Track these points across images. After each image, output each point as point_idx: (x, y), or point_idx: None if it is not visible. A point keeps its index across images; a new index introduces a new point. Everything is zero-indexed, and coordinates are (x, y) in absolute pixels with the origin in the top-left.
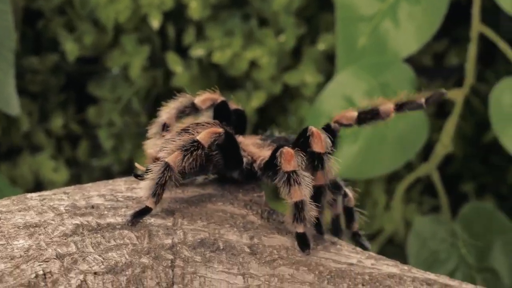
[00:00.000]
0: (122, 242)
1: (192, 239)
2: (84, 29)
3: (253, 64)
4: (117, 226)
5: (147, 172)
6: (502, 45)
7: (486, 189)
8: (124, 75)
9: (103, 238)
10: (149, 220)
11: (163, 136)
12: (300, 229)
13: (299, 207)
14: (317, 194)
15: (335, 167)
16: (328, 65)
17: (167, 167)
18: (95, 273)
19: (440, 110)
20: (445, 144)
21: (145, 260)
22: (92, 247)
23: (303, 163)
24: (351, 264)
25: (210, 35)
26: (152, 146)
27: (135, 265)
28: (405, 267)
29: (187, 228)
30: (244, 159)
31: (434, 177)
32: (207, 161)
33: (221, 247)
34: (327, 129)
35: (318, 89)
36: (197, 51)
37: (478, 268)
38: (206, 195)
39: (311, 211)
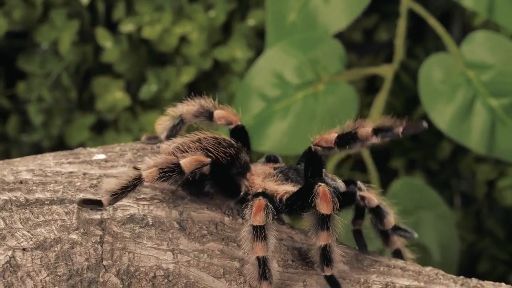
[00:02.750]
0: (51, 218)
1: (121, 215)
2: (13, 4)
3: (183, 40)
4: (46, 202)
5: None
6: (432, 21)
7: (416, 165)
8: (53, 50)
9: (32, 213)
10: (78, 195)
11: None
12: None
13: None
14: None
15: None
16: (258, 41)
17: (139, 179)
18: (23, 249)
19: (369, 86)
20: (374, 120)
21: (74, 236)
22: (21, 222)
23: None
24: (281, 240)
25: (140, 10)
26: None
27: (64, 241)
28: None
29: (117, 204)
30: (243, 188)
31: (364, 153)
32: (199, 183)
33: (150, 223)
34: (310, 153)
35: (248, 65)
36: (127, 27)
37: (407, 244)
38: None
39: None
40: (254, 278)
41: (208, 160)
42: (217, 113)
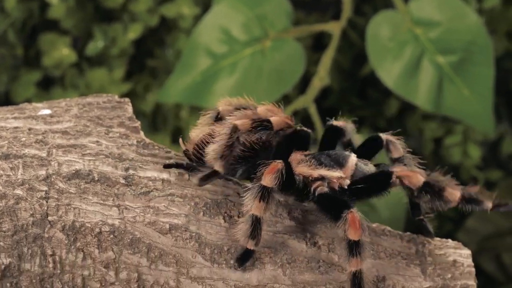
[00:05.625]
0: None
1: (67, 170)
2: None
3: None
4: None
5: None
6: None
7: (364, 122)
8: None
9: None
10: (23, 151)
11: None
12: None
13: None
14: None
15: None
16: None
17: (235, 129)
18: None
19: (317, 43)
20: (322, 77)
21: (19, 191)
22: None
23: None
24: (227, 195)
25: None
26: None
27: (8, 196)
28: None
29: (62, 159)
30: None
31: (311, 110)
32: (249, 155)
33: (96, 178)
34: (385, 175)
35: (195, 22)
36: None
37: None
38: (81, 127)
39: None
40: (244, 235)
41: (293, 123)
42: (260, 109)
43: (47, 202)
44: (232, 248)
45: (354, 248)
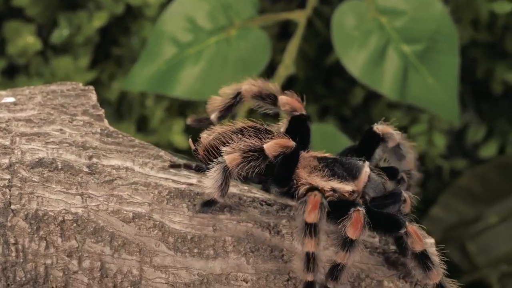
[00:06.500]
0: None
1: (30, 159)
2: None
3: None
4: None
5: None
6: None
7: (329, 111)
8: None
9: None
10: None
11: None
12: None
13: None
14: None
15: None
16: None
17: (225, 168)
18: None
19: (282, 32)
20: (287, 66)
21: None
22: None
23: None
24: (191, 184)
25: None
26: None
27: None
28: (245, 187)
29: (25, 147)
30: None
31: None
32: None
33: (60, 167)
34: (393, 220)
35: (160, 10)
36: None
37: None
38: (45, 115)
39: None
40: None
41: (293, 144)
42: (282, 98)
43: (10, 190)
44: (195, 237)
45: (347, 244)
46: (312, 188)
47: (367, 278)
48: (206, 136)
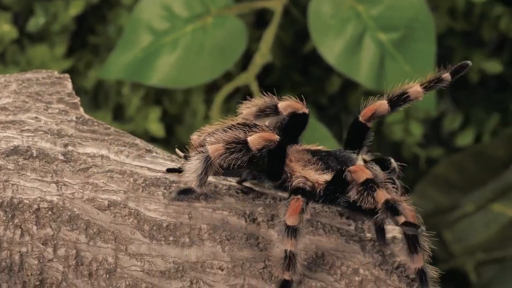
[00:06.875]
0: None
1: (5, 147)
2: None
3: None
4: None
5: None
6: None
7: (306, 99)
8: None
9: None
10: None
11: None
12: (287, 276)
13: (289, 257)
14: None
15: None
16: None
17: (207, 158)
18: None
19: (259, 20)
20: (264, 54)
21: None
22: None
23: None
24: (167, 172)
25: None
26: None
27: None
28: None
29: (0, 135)
30: (283, 175)
31: (253, 87)
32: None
33: (35, 155)
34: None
35: None
36: None
37: None
38: (20, 103)
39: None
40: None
41: (277, 138)
42: (282, 104)
43: None
44: (171, 225)
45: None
46: (298, 190)
47: (343, 266)
48: (196, 138)
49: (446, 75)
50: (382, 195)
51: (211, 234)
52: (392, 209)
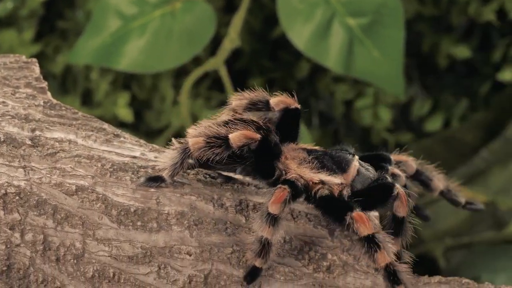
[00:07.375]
0: None
1: None
2: None
3: None
4: None
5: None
6: None
7: (275, 84)
8: None
9: None
10: None
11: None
12: (260, 264)
13: (264, 245)
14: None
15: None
16: None
17: (186, 149)
18: None
19: (228, 4)
20: (232, 39)
21: None
22: None
23: None
24: (135, 157)
25: None
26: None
27: None
28: (190, 160)
29: None
30: (277, 172)
31: (222, 72)
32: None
33: (2, 139)
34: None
35: None
36: None
37: None
38: None
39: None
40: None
41: (258, 136)
42: (274, 99)
43: None
44: (139, 210)
45: (371, 243)
46: (287, 182)
47: (311, 251)
48: (192, 131)
49: (461, 201)
50: (383, 259)
51: (179, 219)
52: (393, 275)
